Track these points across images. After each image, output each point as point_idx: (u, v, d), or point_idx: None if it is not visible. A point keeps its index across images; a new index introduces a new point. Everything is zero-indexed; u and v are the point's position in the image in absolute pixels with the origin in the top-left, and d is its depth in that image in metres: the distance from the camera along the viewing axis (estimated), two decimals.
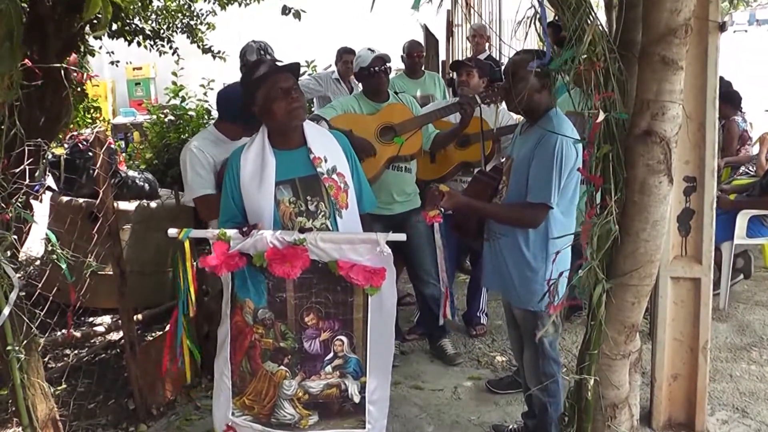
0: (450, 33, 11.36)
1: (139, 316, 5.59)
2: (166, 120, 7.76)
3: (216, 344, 3.50)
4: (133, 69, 13.73)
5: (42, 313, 3.33)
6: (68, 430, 4.09)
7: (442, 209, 3.49)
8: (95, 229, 4.08)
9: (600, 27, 2.59)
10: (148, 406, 4.42)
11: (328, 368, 3.36)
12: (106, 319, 5.82)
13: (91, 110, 7.92)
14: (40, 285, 3.96)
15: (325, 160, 3.43)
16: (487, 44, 8.37)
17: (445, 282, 3.93)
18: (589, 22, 2.61)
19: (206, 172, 3.99)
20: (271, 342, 3.34)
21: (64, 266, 3.44)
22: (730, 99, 7.78)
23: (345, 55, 7.42)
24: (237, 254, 3.23)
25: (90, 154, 5.71)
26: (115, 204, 4.92)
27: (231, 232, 3.22)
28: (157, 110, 8.19)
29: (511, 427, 4.21)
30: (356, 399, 3.39)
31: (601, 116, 2.61)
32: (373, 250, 3.19)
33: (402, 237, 3.25)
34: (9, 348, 3.16)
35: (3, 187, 3.10)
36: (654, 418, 4.19)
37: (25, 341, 3.21)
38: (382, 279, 3.23)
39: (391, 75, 6.57)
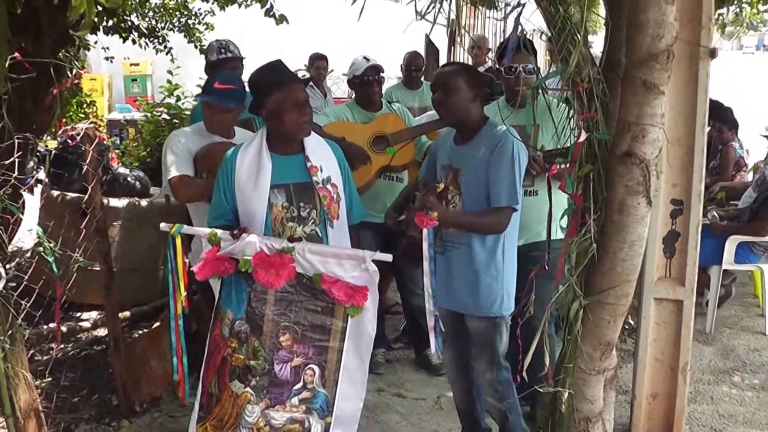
0: (452, 43, 11.50)
1: (127, 313, 5.71)
2: (160, 118, 7.88)
3: (202, 343, 3.58)
4: (130, 65, 13.84)
5: (28, 305, 3.43)
6: (51, 423, 4.19)
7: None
8: (83, 224, 4.19)
9: (584, 48, 2.72)
10: (131, 402, 4.53)
11: (295, 400, 3.37)
12: (93, 314, 5.92)
13: (85, 105, 8.02)
14: (26, 277, 4.07)
15: (321, 170, 3.54)
16: (488, 56, 8.49)
17: (432, 306, 3.54)
18: (575, 41, 2.74)
19: (184, 156, 4.06)
20: (242, 359, 3.38)
21: (51, 260, 3.57)
22: (731, 124, 7.95)
23: (317, 61, 7.57)
24: (226, 258, 3.32)
25: (81, 149, 5.84)
26: (104, 200, 5.08)
27: (221, 234, 3.32)
28: (151, 108, 8.32)
29: None
30: None
31: (584, 136, 2.74)
32: (359, 266, 3.27)
33: (388, 257, 3.34)
34: None
35: None
36: None
37: (10, 331, 3.32)
38: (364, 299, 3.30)
39: (391, 84, 6.72)
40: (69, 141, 6.11)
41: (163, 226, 3.45)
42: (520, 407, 3.91)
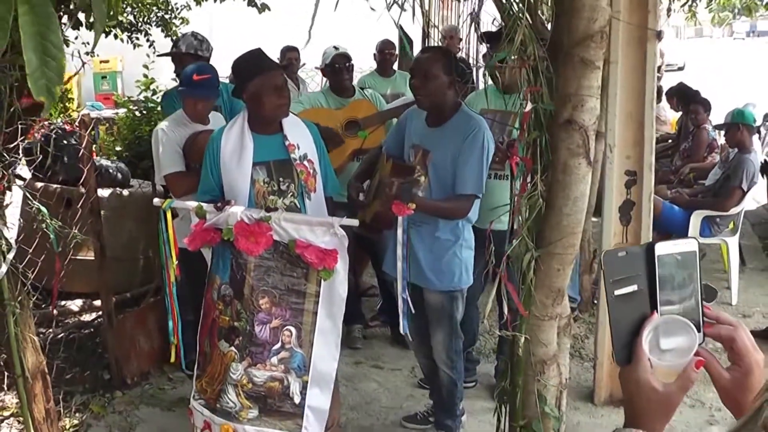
0: (425, 34, 12.06)
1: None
2: (137, 113, 8.39)
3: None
4: (100, 62, 14.31)
5: (32, 275, 3.97)
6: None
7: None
8: (71, 214, 4.72)
9: (529, 30, 3.29)
10: (123, 375, 5.08)
11: (274, 359, 3.82)
12: (78, 302, 6.44)
13: (65, 99, 8.50)
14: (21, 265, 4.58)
15: (298, 147, 4.05)
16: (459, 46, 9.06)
17: (402, 289, 3.94)
18: (521, 25, 3.31)
19: (175, 151, 4.69)
20: (228, 320, 3.87)
21: (52, 236, 4.10)
22: (706, 106, 8.60)
23: (288, 53, 8.18)
24: (212, 229, 3.83)
25: (64, 141, 6.38)
26: None
27: (207, 207, 3.84)
28: (128, 103, 8.82)
29: (420, 413, 4.81)
30: (296, 399, 3.82)
31: (530, 106, 3.32)
32: (328, 231, 3.75)
33: (354, 222, 3.87)
34: (6, 302, 3.80)
35: (3, 158, 3.75)
36: (596, 394, 4.92)
37: (19, 298, 3.86)
38: (335, 261, 3.75)
39: (365, 73, 7.29)
40: (54, 134, 6.67)
41: (156, 201, 4.00)
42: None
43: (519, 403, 3.66)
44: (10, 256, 3.76)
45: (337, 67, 5.60)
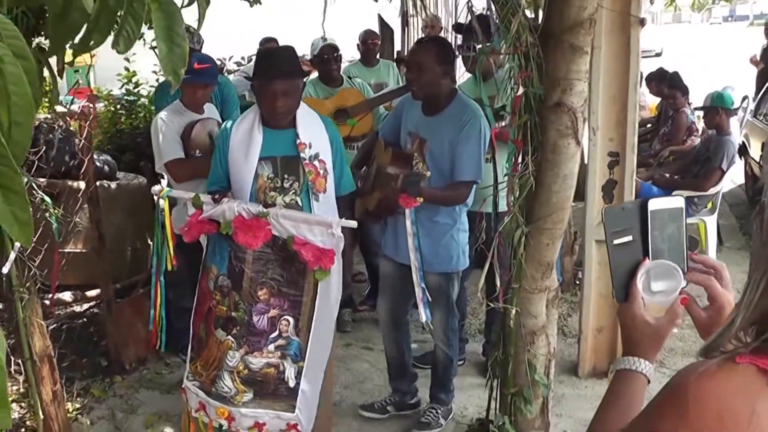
0: (405, 23, 12.32)
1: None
2: (118, 106, 8.57)
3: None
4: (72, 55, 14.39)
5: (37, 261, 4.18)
6: None
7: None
8: (61, 207, 4.92)
9: (523, 18, 3.55)
10: (121, 361, 5.31)
11: (271, 347, 3.95)
12: (68, 293, 6.62)
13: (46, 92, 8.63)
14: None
15: (309, 146, 4.01)
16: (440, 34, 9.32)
17: (419, 280, 4.18)
18: (515, 13, 3.57)
19: (174, 139, 4.92)
20: (225, 310, 3.98)
21: (55, 225, 4.32)
22: (683, 90, 8.91)
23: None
24: (207, 221, 3.92)
25: (51, 136, 6.58)
26: (75, 184, 5.83)
27: (204, 197, 3.92)
28: (108, 97, 8.96)
29: (377, 403, 4.99)
30: (291, 383, 3.97)
31: (521, 90, 3.59)
32: (326, 232, 3.81)
33: (353, 224, 3.92)
34: (14, 288, 4.01)
35: None
36: (580, 367, 5.22)
37: (27, 284, 4.07)
38: (331, 262, 3.83)
39: (348, 63, 7.56)
40: (39, 128, 6.86)
41: (154, 189, 4.15)
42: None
43: (510, 371, 3.97)
44: (18, 244, 3.97)
45: (326, 57, 5.88)
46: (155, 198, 4.10)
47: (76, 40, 1.67)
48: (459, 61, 5.05)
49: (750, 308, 1.27)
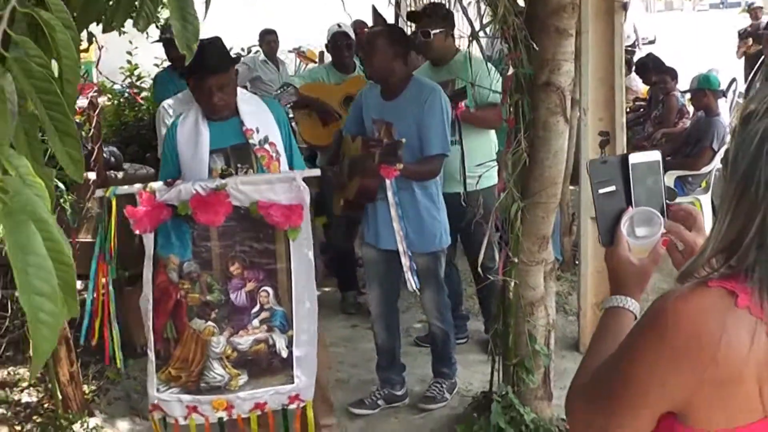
0: (397, 14, 12.48)
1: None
2: (122, 99, 8.77)
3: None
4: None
5: None
6: None
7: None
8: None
9: (509, 3, 3.75)
10: (133, 344, 5.49)
11: (255, 322, 3.81)
12: (79, 282, 6.82)
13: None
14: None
15: (257, 131, 3.93)
16: None
17: (405, 247, 4.36)
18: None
19: None
20: (198, 297, 3.78)
21: (69, 210, 4.53)
22: (672, 74, 9.11)
23: (267, 36, 8.67)
24: (163, 206, 3.70)
25: None
26: (85, 174, 6.02)
27: (156, 185, 3.72)
28: (111, 90, 9.15)
29: (366, 399, 4.96)
30: (284, 354, 3.83)
31: (511, 71, 3.80)
32: (290, 188, 3.69)
33: (316, 172, 4.01)
34: None
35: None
36: (581, 342, 5.41)
37: None
38: (300, 218, 3.72)
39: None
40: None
41: (98, 192, 3.92)
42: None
43: (511, 343, 4.16)
44: None
45: (338, 44, 6.10)
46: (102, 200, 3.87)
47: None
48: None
49: (718, 239, 1.45)
